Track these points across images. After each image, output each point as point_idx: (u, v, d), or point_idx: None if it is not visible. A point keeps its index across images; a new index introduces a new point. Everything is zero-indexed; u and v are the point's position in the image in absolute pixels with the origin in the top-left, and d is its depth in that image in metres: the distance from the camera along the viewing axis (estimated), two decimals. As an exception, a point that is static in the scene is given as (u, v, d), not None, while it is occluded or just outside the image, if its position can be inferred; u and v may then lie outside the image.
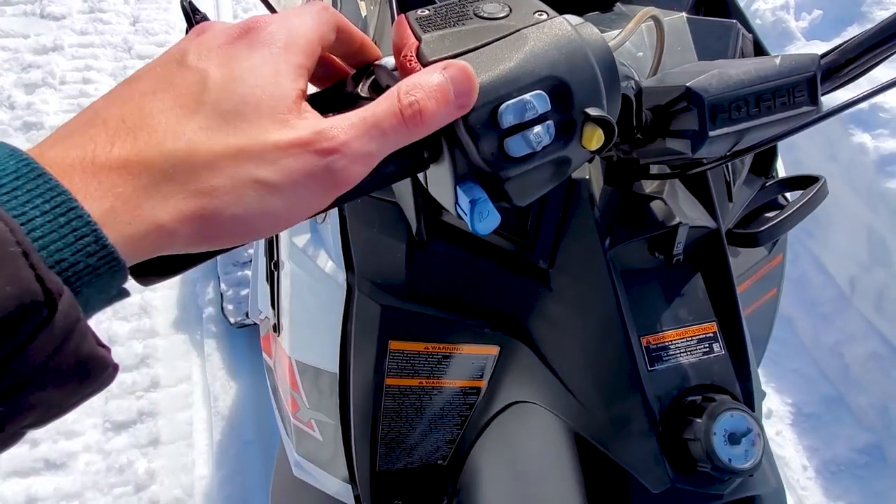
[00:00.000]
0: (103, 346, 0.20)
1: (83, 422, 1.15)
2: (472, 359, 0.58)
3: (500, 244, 0.54)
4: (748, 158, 0.62)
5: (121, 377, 1.22)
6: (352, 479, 0.67)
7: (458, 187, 0.26)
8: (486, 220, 0.27)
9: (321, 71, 0.29)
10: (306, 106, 0.23)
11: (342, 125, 0.23)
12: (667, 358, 0.50)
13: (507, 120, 0.25)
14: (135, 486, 1.10)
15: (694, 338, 0.52)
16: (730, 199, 0.58)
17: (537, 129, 0.26)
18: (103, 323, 1.26)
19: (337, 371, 0.61)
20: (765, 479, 0.53)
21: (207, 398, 1.24)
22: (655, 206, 0.50)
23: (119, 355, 1.24)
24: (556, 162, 0.27)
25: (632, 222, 0.50)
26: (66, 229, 0.17)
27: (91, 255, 0.18)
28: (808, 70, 0.39)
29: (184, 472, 1.15)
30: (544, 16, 0.27)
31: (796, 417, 1.32)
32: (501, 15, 0.26)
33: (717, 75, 0.37)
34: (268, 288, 0.77)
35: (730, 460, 0.45)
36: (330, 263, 0.59)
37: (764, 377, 1.38)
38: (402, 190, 0.54)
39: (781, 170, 0.68)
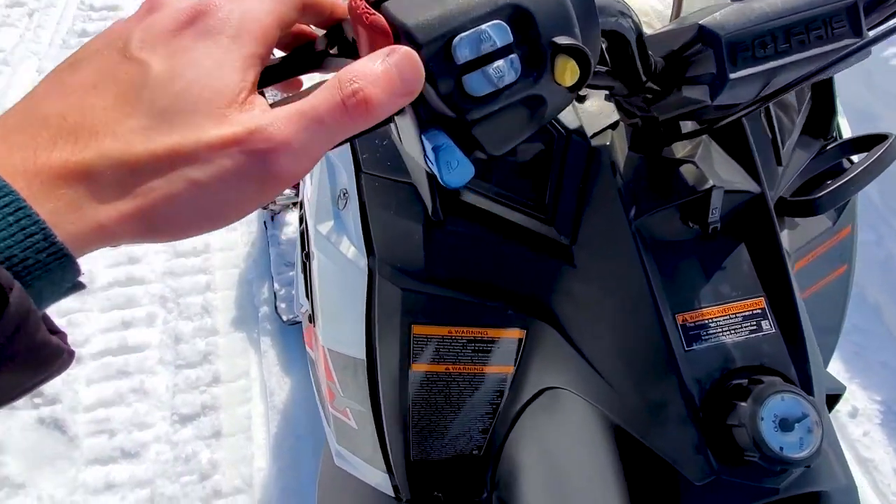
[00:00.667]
0: (58, 332, 0.20)
1: (153, 414, 1.24)
2: (497, 343, 0.56)
3: (518, 220, 0.51)
4: (800, 117, 0.55)
5: (185, 373, 1.30)
6: (388, 469, 0.67)
7: (422, 136, 0.25)
8: (456, 171, 0.25)
9: (295, 43, 0.28)
10: (254, 98, 0.22)
11: (282, 121, 0.22)
12: (707, 337, 0.46)
13: (463, 54, 0.23)
14: (199, 475, 1.17)
15: (738, 314, 0.47)
16: (779, 163, 0.52)
17: (498, 63, 0.24)
18: (170, 322, 1.35)
19: (365, 358, 0.61)
20: (831, 473, 0.46)
21: (264, 393, 1.29)
22: (686, 170, 0.46)
23: (184, 353, 1.32)
24: (528, 101, 0.25)
25: (660, 189, 0.46)
26: (14, 228, 0.18)
27: (41, 252, 0.18)
28: (849, -4, 0.34)
29: (243, 463, 1.20)
30: None
31: (886, 416, 1.17)
32: None
33: (736, 10, 0.33)
34: (303, 279, 0.78)
35: (781, 449, 0.40)
36: (352, 249, 0.59)
37: (847, 371, 1.24)
38: (417, 169, 0.53)
39: (847, 130, 0.60)
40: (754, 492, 0.43)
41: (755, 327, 0.46)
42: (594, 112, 0.51)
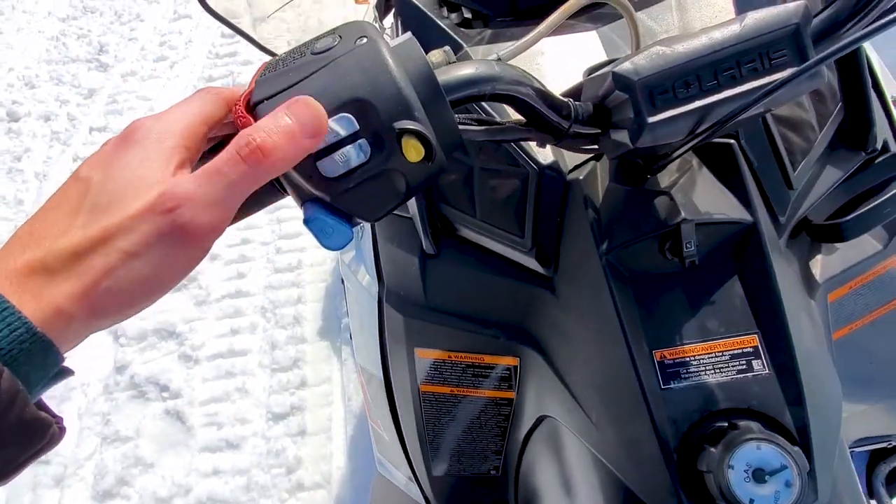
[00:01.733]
0: (50, 412, 0.25)
1: (252, 411, 1.41)
2: (494, 369, 0.58)
3: (503, 252, 0.53)
4: (824, 130, 0.50)
5: (278, 376, 1.47)
6: (416, 480, 0.72)
7: (303, 208, 0.29)
8: (333, 237, 0.29)
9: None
10: (174, 177, 0.25)
11: (184, 181, 0.25)
12: (686, 375, 0.44)
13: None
14: (286, 468, 1.31)
15: (725, 353, 0.44)
16: (789, 186, 0.48)
17: (345, 149, 0.27)
18: (268, 331, 1.54)
19: (382, 376, 0.66)
20: None
21: (344, 398, 1.41)
22: (660, 202, 0.44)
23: (278, 358, 1.49)
24: (385, 175, 0.28)
25: (633, 222, 0.45)
26: (1, 325, 0.22)
27: (24, 342, 0.22)
28: (787, 23, 0.32)
29: (324, 461, 1.32)
30: (364, 40, 0.28)
31: None
32: (330, 47, 0.28)
33: (653, 53, 0.33)
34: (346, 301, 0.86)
35: (752, 501, 0.37)
36: (367, 277, 0.65)
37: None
38: (414, 207, 0.57)
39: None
40: (733, 544, 0.41)
41: (744, 367, 0.43)
42: (577, 144, 0.51)
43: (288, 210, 1.80)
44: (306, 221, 0.28)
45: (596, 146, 0.40)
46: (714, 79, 0.32)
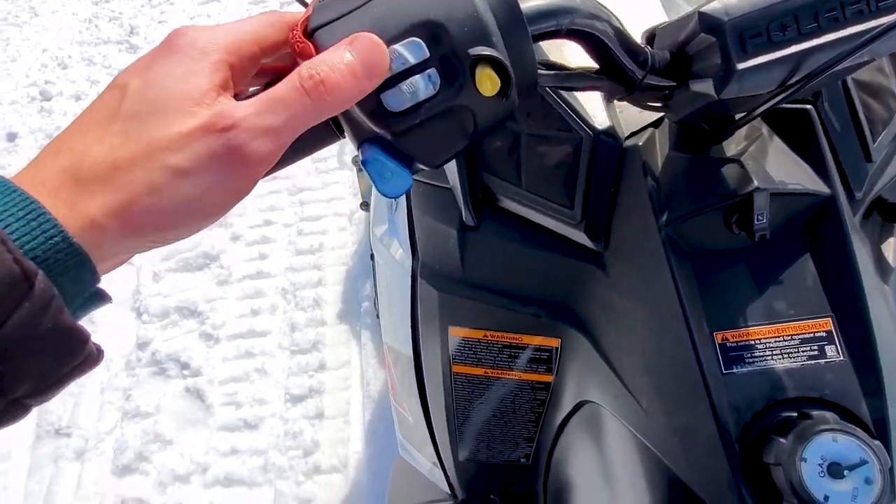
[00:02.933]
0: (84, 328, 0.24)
1: (271, 392, 1.41)
2: (534, 350, 0.55)
3: (550, 226, 0.50)
4: (907, 101, 0.46)
5: (297, 358, 1.46)
6: (441, 466, 0.69)
7: (359, 150, 0.26)
8: (391, 182, 0.26)
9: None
10: (218, 97, 0.24)
11: (243, 104, 0.24)
12: (751, 360, 0.40)
13: None
14: (303, 451, 1.30)
15: (795, 336, 0.40)
16: (868, 159, 0.44)
17: (413, 79, 0.24)
18: (288, 312, 1.53)
19: (412, 355, 0.64)
20: None
21: (363, 382, 1.39)
22: (728, 170, 0.41)
23: (298, 340, 1.48)
24: (453, 113, 0.25)
25: (697, 193, 0.42)
26: (37, 231, 0.21)
27: (59, 251, 0.21)
28: (903, -42, 0.28)
29: (341, 444, 1.31)
30: None
31: None
32: None
33: (743, -9, 0.29)
34: (373, 278, 0.84)
35: (826, 498, 0.34)
36: (400, 251, 0.62)
37: None
38: (453, 176, 0.54)
39: None
40: (801, 544, 0.37)
41: (816, 353, 0.40)
42: (635, 109, 0.47)
43: (311, 192, 1.78)
44: (364, 163, 0.26)
45: (667, 104, 0.36)
46: (814, 21, 0.29)
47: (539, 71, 0.30)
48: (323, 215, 1.72)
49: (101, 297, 0.24)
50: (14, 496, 1.31)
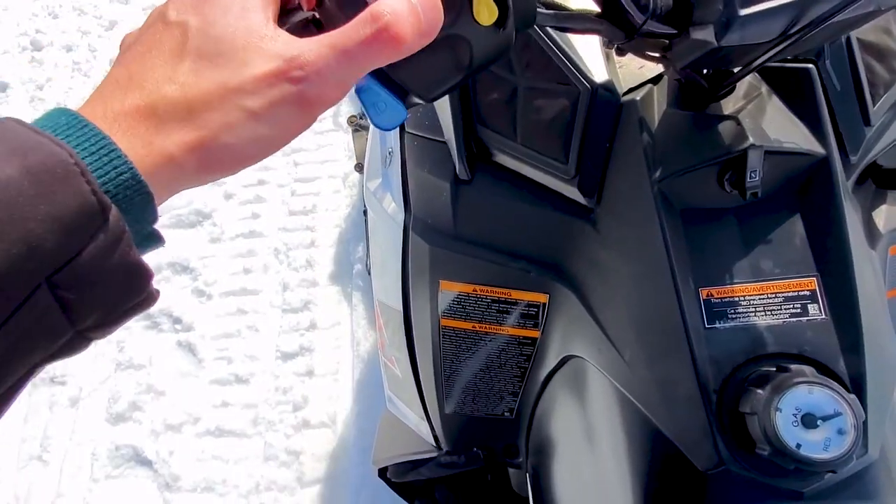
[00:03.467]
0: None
1: (262, 349, 1.42)
2: (522, 306, 0.56)
3: (542, 181, 0.50)
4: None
5: (288, 317, 1.47)
6: (427, 418, 0.71)
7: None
8: (385, 114, 0.26)
9: None
10: (277, 31, 0.25)
11: (313, 52, 0.24)
12: (734, 316, 0.41)
13: None
14: (293, 405, 1.32)
15: (779, 294, 0.41)
16: (866, 122, 0.43)
17: None
18: (280, 272, 1.53)
19: (402, 309, 0.64)
20: (887, 485, 0.40)
21: (353, 342, 1.40)
22: (724, 127, 0.41)
23: (289, 299, 1.49)
24: (449, 42, 0.25)
25: (692, 149, 0.41)
26: (108, 167, 0.21)
27: (128, 188, 0.22)
28: None
29: (329, 401, 1.33)
30: None
31: None
32: None
33: (750, -68, 0.29)
34: (365, 234, 0.84)
35: (798, 446, 0.35)
36: (393, 205, 0.62)
37: None
38: (448, 129, 0.53)
39: None
40: (770, 491, 0.39)
41: (798, 310, 0.40)
42: (634, 65, 0.47)
43: (305, 153, 1.76)
44: (358, 91, 0.25)
45: (663, 54, 0.36)
46: (820, -35, 0.28)
47: (538, 10, 0.29)
48: (317, 177, 1.70)
49: (156, 238, 0.25)
50: (11, 440, 1.33)
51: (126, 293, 0.22)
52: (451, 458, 0.71)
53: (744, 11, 0.29)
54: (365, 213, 0.78)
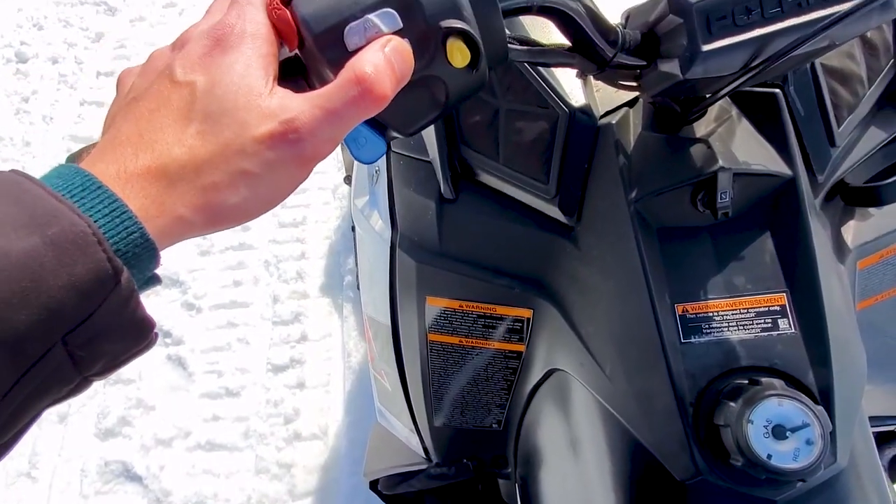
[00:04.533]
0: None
1: (253, 362, 1.42)
2: (507, 321, 0.57)
3: (525, 200, 0.51)
4: (873, 87, 0.47)
5: (279, 329, 1.47)
6: (417, 431, 0.72)
7: None
8: (365, 148, 0.27)
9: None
10: (277, 90, 0.26)
11: (306, 114, 0.25)
12: (708, 330, 0.43)
13: (353, 42, 0.25)
14: (284, 418, 1.32)
15: (751, 310, 0.43)
16: (832, 143, 0.45)
17: None
18: (271, 284, 1.53)
19: (390, 324, 0.65)
20: (862, 497, 0.41)
21: (343, 354, 1.41)
22: (696, 150, 0.42)
23: (280, 312, 1.49)
24: (426, 82, 0.26)
25: (666, 171, 0.43)
26: (120, 227, 0.23)
27: (137, 246, 0.23)
28: (864, -55, 0.29)
29: (321, 413, 1.34)
30: None
31: None
32: None
33: (711, -27, 0.30)
34: (354, 249, 0.85)
35: (769, 457, 0.37)
36: (380, 222, 0.63)
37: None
38: (433, 148, 0.55)
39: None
40: (745, 500, 0.40)
41: (769, 325, 0.42)
42: (611, 89, 0.48)
43: (295, 165, 1.77)
44: None
45: (635, 83, 0.38)
46: (778, 5, 0.30)
47: (511, 46, 0.31)
48: (306, 188, 1.71)
49: (155, 280, 0.26)
50: (-5, 459, 1.32)
51: (131, 344, 0.24)
52: (441, 470, 0.72)
53: (706, 47, 0.31)
54: (353, 228, 0.79)
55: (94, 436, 1.34)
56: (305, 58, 0.27)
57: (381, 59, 0.25)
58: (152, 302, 1.53)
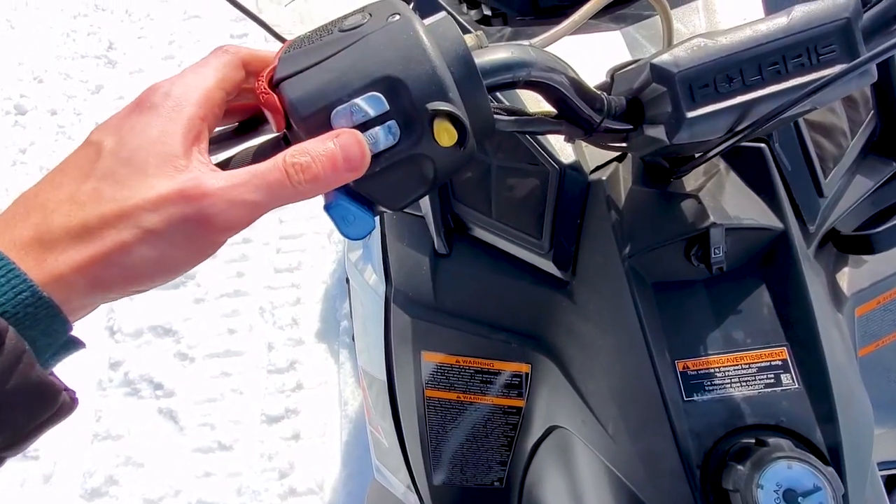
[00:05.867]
0: (56, 378, 0.24)
1: (247, 413, 1.39)
2: (505, 376, 0.56)
3: (519, 255, 0.51)
4: (856, 138, 0.48)
5: (274, 378, 1.44)
6: (415, 489, 0.69)
7: (324, 194, 0.27)
8: (354, 225, 0.27)
9: (250, 102, 0.32)
10: (199, 157, 0.25)
11: (224, 175, 0.25)
12: (711, 388, 0.42)
13: (339, 125, 0.25)
14: (279, 472, 1.28)
15: (753, 365, 0.42)
16: (820, 194, 0.46)
17: (374, 130, 0.25)
18: (265, 331, 1.51)
19: (386, 380, 0.64)
20: None
21: (340, 402, 1.38)
22: (687, 205, 0.43)
23: (274, 360, 1.46)
24: (414, 161, 0.26)
25: (658, 226, 0.43)
26: (6, 287, 0.22)
27: (29, 306, 0.22)
28: (837, 17, 0.30)
29: (316, 466, 1.29)
30: (397, 17, 0.26)
31: None
32: (360, 24, 0.27)
33: (690, 46, 0.31)
34: (348, 301, 0.84)
35: (782, 524, 0.35)
36: (374, 277, 0.63)
37: None
38: (426, 204, 0.55)
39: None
40: (759, 568, 0.38)
41: (772, 381, 0.41)
42: (600, 144, 0.49)
43: (290, 210, 1.78)
44: (327, 208, 0.27)
45: (625, 144, 0.38)
46: (758, 73, 0.31)
47: (499, 117, 0.31)
48: (302, 233, 1.71)
49: (74, 344, 0.25)
50: (-25, 524, 1.26)
51: (33, 412, 0.22)
52: (441, 531, 0.69)
53: (690, 114, 0.31)
54: (347, 280, 0.79)
55: (80, 496, 1.29)
56: (292, 138, 0.27)
57: (323, 148, 0.25)
58: (143, 352, 1.50)
